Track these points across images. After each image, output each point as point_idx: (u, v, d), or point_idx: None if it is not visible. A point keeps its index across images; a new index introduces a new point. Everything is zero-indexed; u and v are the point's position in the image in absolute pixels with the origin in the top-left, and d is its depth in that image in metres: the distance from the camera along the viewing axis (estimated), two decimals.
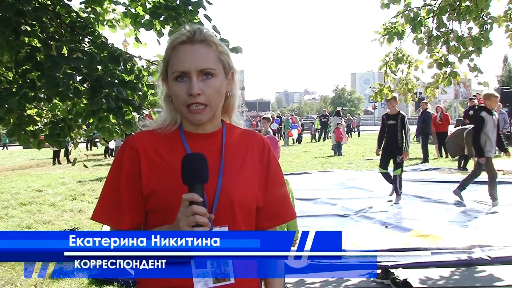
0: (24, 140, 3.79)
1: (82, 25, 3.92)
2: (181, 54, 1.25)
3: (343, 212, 6.45)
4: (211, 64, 1.25)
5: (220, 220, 1.25)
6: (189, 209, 1.11)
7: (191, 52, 1.24)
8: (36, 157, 18.85)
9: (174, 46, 1.27)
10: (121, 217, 1.27)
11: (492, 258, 4.32)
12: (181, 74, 1.24)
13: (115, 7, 4.42)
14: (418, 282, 3.87)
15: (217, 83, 1.26)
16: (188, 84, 1.23)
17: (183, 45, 1.26)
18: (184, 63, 1.23)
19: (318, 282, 3.97)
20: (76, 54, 3.18)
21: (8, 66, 3.79)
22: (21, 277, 4.21)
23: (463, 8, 5.38)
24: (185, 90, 1.23)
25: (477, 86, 11.17)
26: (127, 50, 6.04)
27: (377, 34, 6.06)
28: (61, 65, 3.03)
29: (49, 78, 3.04)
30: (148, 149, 1.29)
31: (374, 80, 66.51)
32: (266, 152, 1.40)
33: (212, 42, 1.28)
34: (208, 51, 1.26)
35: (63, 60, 3.08)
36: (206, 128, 1.32)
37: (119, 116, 3.45)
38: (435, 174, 10.01)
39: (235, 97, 1.38)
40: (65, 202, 7.97)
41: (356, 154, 15.53)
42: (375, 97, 6.91)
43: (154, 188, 1.25)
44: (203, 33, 1.27)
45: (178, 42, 1.26)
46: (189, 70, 1.23)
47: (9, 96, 3.04)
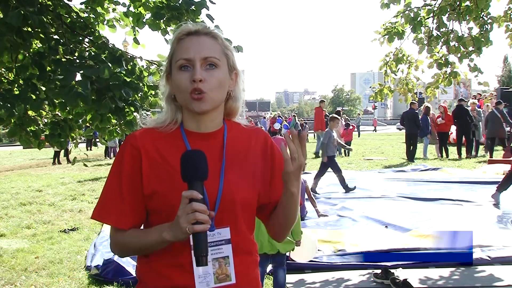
0: (25, 140, 3.80)
1: (83, 25, 3.92)
2: (186, 43, 1.26)
3: (343, 212, 6.46)
4: (215, 53, 1.26)
5: (222, 220, 1.25)
6: (189, 206, 1.10)
7: (196, 42, 1.25)
8: (36, 157, 18.85)
9: (180, 38, 1.28)
10: (122, 216, 1.26)
11: (492, 258, 4.31)
12: (185, 63, 1.24)
13: (115, 7, 4.43)
14: (418, 282, 3.87)
15: (220, 74, 1.26)
16: (192, 72, 1.23)
17: (188, 36, 1.27)
18: (189, 50, 1.24)
19: (318, 282, 3.97)
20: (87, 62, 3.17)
21: (9, 66, 3.79)
22: (21, 277, 4.21)
23: (463, 8, 5.38)
24: (188, 77, 1.23)
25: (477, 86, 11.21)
26: (127, 50, 6.05)
27: (377, 34, 6.06)
28: (74, 73, 3.02)
29: (65, 90, 3.00)
30: (149, 148, 1.28)
31: (374, 80, 66.50)
32: (269, 147, 1.39)
33: (218, 36, 1.29)
34: (213, 43, 1.27)
35: (75, 68, 3.07)
36: (207, 126, 1.31)
37: (121, 116, 3.46)
38: (435, 174, 10.00)
39: (238, 99, 1.37)
40: (65, 202, 7.97)
41: (356, 154, 15.52)
42: (375, 97, 6.91)
43: (155, 188, 1.25)
44: (208, 27, 1.30)
45: (184, 33, 1.27)
46: (193, 58, 1.23)
47: (12, 99, 3.03)
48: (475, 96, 19.63)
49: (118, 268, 4.07)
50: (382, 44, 6.03)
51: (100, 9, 4.26)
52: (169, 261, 1.24)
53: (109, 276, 4.06)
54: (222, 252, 1.25)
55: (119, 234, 1.28)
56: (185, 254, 1.23)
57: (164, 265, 1.25)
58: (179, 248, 1.22)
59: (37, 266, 4.50)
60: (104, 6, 4.26)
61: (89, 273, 4.25)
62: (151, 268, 1.27)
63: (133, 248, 1.27)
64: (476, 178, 9.05)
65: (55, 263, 4.57)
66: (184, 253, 1.23)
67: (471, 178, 9.06)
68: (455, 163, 11.68)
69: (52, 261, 4.64)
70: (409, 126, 12.85)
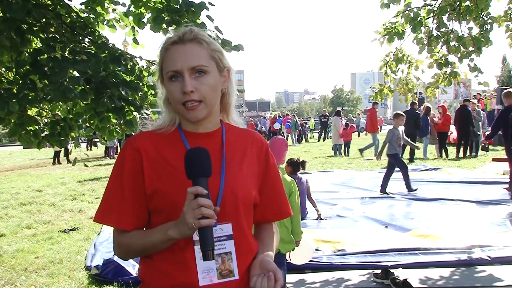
0: (25, 140, 3.79)
1: (82, 25, 3.92)
2: (173, 54, 1.26)
3: (343, 212, 6.45)
4: (203, 61, 1.26)
5: (224, 217, 1.26)
6: (195, 201, 1.11)
7: (182, 51, 1.26)
8: (36, 157, 18.85)
9: (166, 47, 1.29)
10: (124, 218, 1.27)
11: (492, 258, 4.31)
12: (174, 74, 1.25)
13: (115, 7, 4.43)
14: (418, 282, 3.87)
15: (211, 80, 1.27)
16: (182, 83, 1.24)
17: (174, 45, 1.27)
18: (176, 62, 1.25)
19: (318, 282, 3.97)
20: (80, 56, 3.17)
21: (8, 66, 3.79)
22: (21, 277, 4.21)
23: (463, 8, 5.38)
24: (179, 89, 1.24)
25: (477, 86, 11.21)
26: (127, 50, 6.05)
27: (377, 34, 6.06)
28: (67, 69, 3.02)
29: (55, 86, 3.01)
30: (149, 149, 1.29)
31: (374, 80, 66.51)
32: (264, 151, 1.42)
33: (203, 41, 1.29)
34: (200, 49, 1.27)
35: (69, 64, 3.07)
36: (206, 127, 1.33)
37: (120, 116, 3.46)
38: (435, 174, 10.01)
39: (232, 95, 1.39)
40: (65, 202, 7.97)
41: (356, 154, 15.52)
42: (375, 97, 6.91)
43: (157, 187, 1.26)
44: (193, 32, 1.29)
45: (170, 43, 1.28)
46: (181, 69, 1.24)
47: (10, 98, 3.03)
48: (475, 96, 19.62)
49: (118, 268, 4.07)
50: (382, 44, 6.03)
51: (100, 9, 4.26)
52: (172, 259, 1.25)
53: (109, 276, 4.06)
54: (224, 248, 1.26)
55: (122, 236, 1.28)
56: (188, 251, 1.24)
57: (167, 263, 1.25)
58: (182, 246, 1.23)
59: (37, 266, 4.50)
60: (104, 6, 4.27)
61: (89, 273, 4.25)
62: (154, 267, 1.28)
63: (137, 248, 1.27)
64: (476, 178, 9.05)
65: (55, 263, 4.57)
66: (188, 250, 1.24)
67: (471, 178, 9.06)
68: (455, 163, 11.68)
69: (52, 261, 4.64)
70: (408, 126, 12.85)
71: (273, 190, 1.42)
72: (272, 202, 1.42)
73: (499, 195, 7.29)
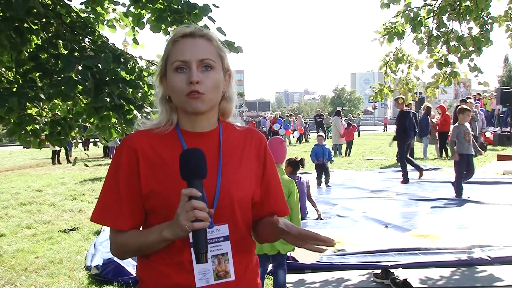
0: (24, 140, 3.79)
1: (82, 25, 3.92)
2: (182, 45, 1.27)
3: (343, 212, 6.45)
4: (211, 55, 1.27)
5: (220, 218, 1.26)
6: (189, 204, 1.10)
7: (192, 44, 1.26)
8: (36, 157, 18.84)
9: (175, 39, 1.28)
10: (121, 217, 1.26)
11: (492, 258, 4.31)
12: (181, 64, 1.25)
13: (115, 7, 4.43)
14: (418, 282, 3.87)
15: (216, 76, 1.27)
16: (188, 74, 1.24)
17: (184, 38, 1.28)
18: (185, 52, 1.25)
19: (318, 282, 3.97)
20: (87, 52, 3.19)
21: (8, 66, 3.79)
22: (21, 277, 4.21)
23: (463, 8, 5.38)
24: (185, 79, 1.24)
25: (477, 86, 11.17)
26: (127, 50, 6.05)
27: (377, 34, 6.06)
28: (74, 64, 3.04)
29: (65, 79, 3.03)
30: (145, 148, 1.29)
31: (374, 80, 66.46)
32: (263, 148, 1.41)
33: (213, 38, 1.31)
34: (209, 45, 1.29)
35: (76, 59, 3.08)
36: (203, 126, 1.32)
37: (121, 114, 3.45)
38: (435, 174, 10.00)
39: (232, 100, 1.38)
40: (65, 202, 7.97)
41: (356, 154, 15.53)
42: (375, 97, 6.91)
43: (153, 187, 1.25)
44: (203, 30, 1.31)
45: (179, 35, 1.28)
46: (189, 59, 1.24)
47: (9, 96, 3.03)
48: (474, 96, 19.60)
49: (118, 268, 4.07)
50: (382, 44, 6.03)
51: (100, 9, 4.27)
52: (169, 260, 1.25)
53: (109, 276, 4.06)
54: (221, 249, 1.26)
55: (118, 236, 1.28)
56: (185, 253, 1.23)
57: (164, 264, 1.25)
58: (179, 247, 1.23)
59: (37, 266, 4.50)
60: (104, 6, 4.27)
61: (89, 273, 4.25)
62: (152, 267, 1.27)
63: (133, 248, 1.27)
64: (476, 178, 9.04)
65: (55, 263, 4.57)
66: (184, 252, 1.23)
67: (471, 178, 9.04)
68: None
69: (52, 261, 4.64)
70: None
71: (268, 188, 1.40)
72: (269, 200, 1.40)
73: (499, 195, 7.29)
